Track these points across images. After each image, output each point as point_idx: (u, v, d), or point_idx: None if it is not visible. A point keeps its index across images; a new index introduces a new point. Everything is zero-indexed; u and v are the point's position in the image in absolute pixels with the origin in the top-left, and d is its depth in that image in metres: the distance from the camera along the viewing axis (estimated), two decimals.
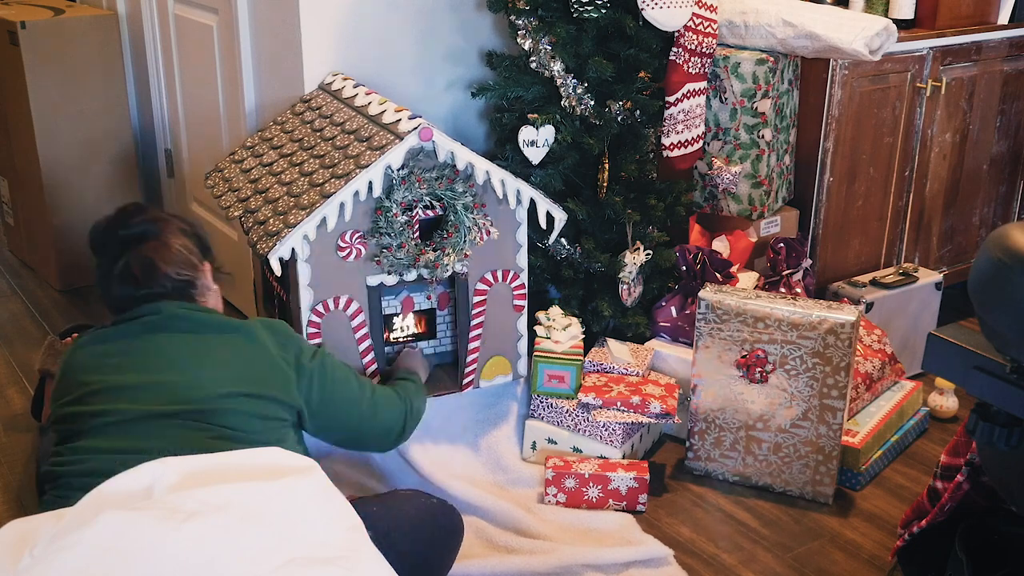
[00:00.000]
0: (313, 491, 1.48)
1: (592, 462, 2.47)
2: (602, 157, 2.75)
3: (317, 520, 1.45)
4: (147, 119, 3.81)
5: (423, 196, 2.35)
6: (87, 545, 1.32)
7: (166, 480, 1.43)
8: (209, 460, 1.49)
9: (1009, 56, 3.38)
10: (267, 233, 2.28)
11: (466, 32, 3.00)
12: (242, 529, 1.37)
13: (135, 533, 1.33)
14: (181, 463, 1.46)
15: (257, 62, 2.99)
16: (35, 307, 3.54)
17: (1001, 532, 1.92)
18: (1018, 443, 1.56)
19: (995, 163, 3.51)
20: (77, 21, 3.48)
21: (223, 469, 1.48)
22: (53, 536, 1.34)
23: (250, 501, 1.41)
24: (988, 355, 1.56)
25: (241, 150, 2.72)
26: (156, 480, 1.43)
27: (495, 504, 2.38)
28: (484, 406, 2.61)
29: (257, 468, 1.49)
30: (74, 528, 1.34)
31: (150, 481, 1.43)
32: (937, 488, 2.03)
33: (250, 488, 1.43)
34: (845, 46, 2.76)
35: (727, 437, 2.56)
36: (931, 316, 3.14)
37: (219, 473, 1.46)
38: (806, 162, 3.10)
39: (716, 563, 2.30)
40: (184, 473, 1.44)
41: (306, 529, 1.42)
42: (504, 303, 2.56)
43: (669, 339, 2.84)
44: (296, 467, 1.51)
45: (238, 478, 1.45)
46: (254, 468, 1.49)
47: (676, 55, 2.79)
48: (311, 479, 1.49)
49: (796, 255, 2.89)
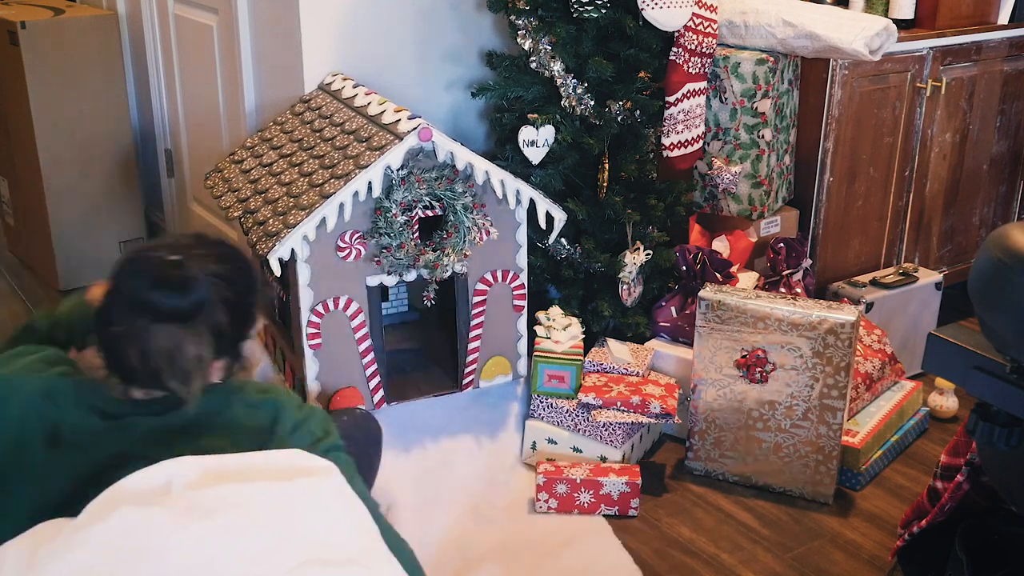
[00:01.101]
0: (331, 493, 1.48)
1: (584, 467, 2.46)
2: (602, 157, 2.75)
3: (334, 522, 1.44)
4: (147, 119, 3.81)
5: (423, 196, 2.35)
6: (97, 542, 1.31)
7: (184, 477, 1.41)
8: (228, 460, 1.47)
9: (1009, 56, 3.38)
10: (267, 233, 2.28)
11: (466, 32, 3.00)
12: (258, 528, 1.37)
13: (149, 529, 1.32)
14: (200, 461, 1.44)
15: (257, 62, 2.99)
16: (35, 307, 3.53)
17: (1001, 532, 1.92)
18: (1018, 443, 1.56)
19: (995, 163, 3.51)
20: (77, 21, 3.48)
21: (242, 468, 1.46)
22: (69, 531, 1.34)
23: (268, 500, 1.40)
24: (988, 355, 1.56)
25: (241, 150, 2.72)
26: (174, 476, 1.41)
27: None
28: (484, 406, 2.61)
29: (276, 468, 1.48)
30: (87, 524, 1.34)
31: (168, 477, 1.41)
32: (937, 488, 2.03)
33: (269, 487, 1.42)
34: (845, 46, 2.76)
35: (727, 437, 2.56)
36: (931, 316, 3.14)
37: (238, 472, 1.45)
38: (806, 162, 3.10)
39: (716, 563, 2.30)
40: (202, 471, 1.43)
41: (323, 531, 1.42)
42: (504, 303, 2.56)
43: (669, 339, 2.84)
44: (315, 468, 1.50)
45: (257, 477, 1.44)
46: (273, 468, 1.48)
47: (676, 55, 2.79)
48: (330, 481, 1.49)
49: (796, 255, 2.89)
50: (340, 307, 2.38)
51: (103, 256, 3.69)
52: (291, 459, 1.51)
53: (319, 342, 2.37)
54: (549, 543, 2.33)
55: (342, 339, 2.40)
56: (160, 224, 3.91)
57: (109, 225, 3.68)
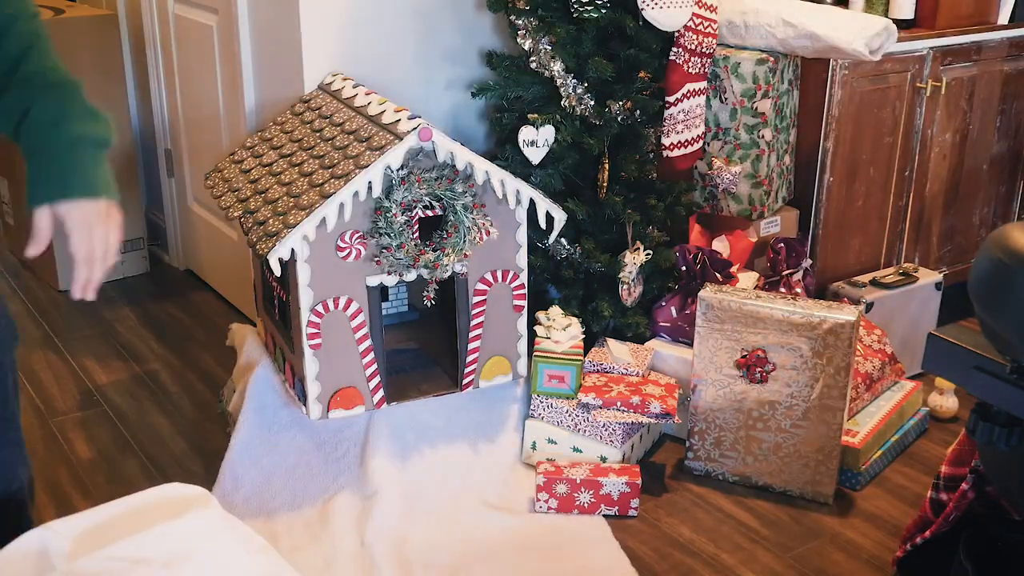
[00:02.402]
0: (218, 521, 1.42)
1: (584, 467, 2.46)
2: (602, 157, 2.75)
3: (231, 550, 1.39)
4: (147, 119, 3.81)
5: (423, 196, 2.35)
6: None
7: (59, 546, 1.32)
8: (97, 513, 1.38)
9: (1009, 56, 3.38)
10: (267, 233, 2.28)
11: (466, 32, 3.00)
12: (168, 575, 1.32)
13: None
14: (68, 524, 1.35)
15: (257, 62, 2.99)
16: (35, 307, 3.53)
17: (1004, 540, 1.92)
18: (1018, 443, 1.56)
19: (995, 163, 3.51)
20: (77, 21, 3.48)
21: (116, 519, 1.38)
22: None
23: (164, 546, 1.34)
24: (988, 355, 1.55)
25: (241, 150, 2.72)
26: (47, 547, 1.31)
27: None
28: (484, 406, 2.61)
29: (152, 509, 1.41)
30: None
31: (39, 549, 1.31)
32: (941, 500, 2.03)
33: (159, 532, 1.35)
34: (845, 46, 2.76)
35: (727, 437, 2.56)
36: (931, 316, 3.14)
37: (114, 525, 1.37)
38: (806, 162, 3.10)
39: (716, 563, 2.30)
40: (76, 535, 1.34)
41: (225, 561, 1.37)
42: (504, 303, 2.56)
43: (669, 339, 2.84)
44: (191, 498, 1.44)
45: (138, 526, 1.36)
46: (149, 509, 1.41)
47: (676, 55, 2.79)
48: (211, 508, 1.42)
49: (796, 255, 2.89)
50: (340, 307, 2.38)
51: None
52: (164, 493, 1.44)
53: (319, 342, 2.37)
54: (549, 543, 2.33)
55: (342, 339, 2.40)
56: (160, 224, 3.91)
57: None
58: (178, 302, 3.58)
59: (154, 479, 2.54)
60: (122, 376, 3.08)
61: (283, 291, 2.47)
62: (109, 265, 1.53)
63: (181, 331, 3.37)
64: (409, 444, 2.48)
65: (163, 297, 3.62)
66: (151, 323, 3.42)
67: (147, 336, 3.33)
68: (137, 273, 3.78)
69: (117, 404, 2.93)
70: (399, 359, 2.67)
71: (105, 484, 2.55)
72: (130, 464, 2.65)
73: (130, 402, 2.94)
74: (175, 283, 3.75)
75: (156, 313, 3.50)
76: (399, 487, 2.42)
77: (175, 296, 3.63)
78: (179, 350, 3.24)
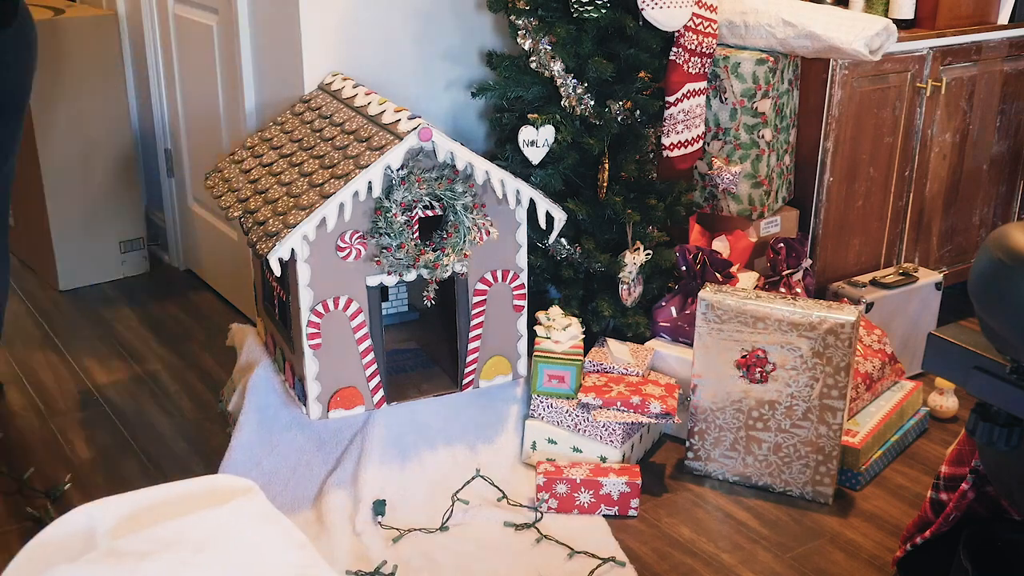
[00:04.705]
0: (260, 512, 1.43)
1: (584, 467, 2.47)
2: (602, 157, 2.75)
3: (269, 541, 1.40)
4: (147, 119, 3.81)
5: (423, 196, 2.35)
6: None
7: (104, 524, 1.36)
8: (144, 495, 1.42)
9: (1009, 56, 3.38)
10: (267, 233, 2.28)
11: (466, 32, 3.00)
12: (198, 561, 1.33)
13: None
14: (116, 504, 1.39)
15: (257, 62, 2.99)
16: (35, 307, 3.53)
17: (1004, 539, 1.92)
18: (1018, 443, 1.56)
19: (995, 163, 3.51)
20: (77, 21, 3.48)
21: (162, 503, 1.41)
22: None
23: (202, 531, 1.36)
24: (988, 355, 1.56)
25: (241, 150, 2.72)
26: (94, 525, 1.35)
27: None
28: (484, 406, 2.61)
29: (198, 496, 1.43)
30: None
31: (88, 523, 1.35)
32: (941, 500, 2.03)
33: (199, 518, 1.37)
34: (845, 46, 2.76)
35: (727, 437, 2.56)
36: (931, 316, 3.14)
37: (159, 508, 1.40)
38: (806, 162, 3.10)
39: (716, 563, 2.30)
40: (122, 515, 1.37)
41: (261, 552, 1.38)
42: (504, 303, 2.56)
43: (669, 339, 2.84)
44: (238, 489, 1.46)
45: (182, 510, 1.39)
46: (195, 496, 1.43)
47: (676, 55, 2.79)
48: (255, 500, 1.44)
49: (796, 255, 2.89)
50: (340, 307, 2.38)
51: (103, 256, 3.69)
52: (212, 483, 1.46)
53: (319, 342, 2.37)
54: (548, 543, 2.33)
55: (342, 339, 2.40)
56: (160, 224, 3.91)
57: (109, 225, 3.68)
58: (178, 302, 3.58)
59: (154, 479, 2.54)
60: (122, 376, 3.08)
61: (283, 291, 2.47)
62: None
63: (181, 331, 3.37)
64: (409, 444, 2.48)
65: (163, 297, 3.62)
66: (151, 323, 3.42)
67: (147, 336, 3.33)
68: (137, 273, 3.78)
69: (117, 404, 2.93)
70: (399, 359, 2.67)
71: (105, 484, 2.56)
72: (130, 464, 2.65)
73: (130, 402, 2.94)
74: (175, 283, 3.75)
75: (156, 313, 3.50)
76: (399, 487, 2.42)
77: (175, 296, 3.63)
78: (179, 350, 3.24)
